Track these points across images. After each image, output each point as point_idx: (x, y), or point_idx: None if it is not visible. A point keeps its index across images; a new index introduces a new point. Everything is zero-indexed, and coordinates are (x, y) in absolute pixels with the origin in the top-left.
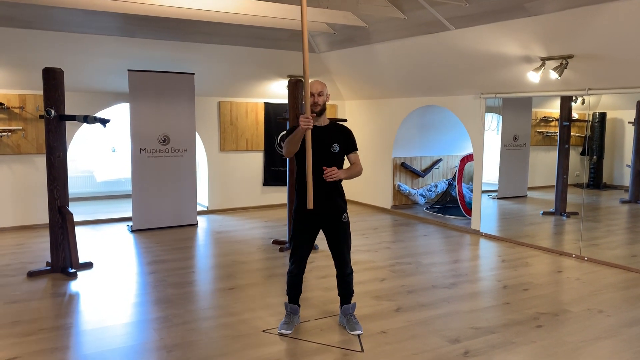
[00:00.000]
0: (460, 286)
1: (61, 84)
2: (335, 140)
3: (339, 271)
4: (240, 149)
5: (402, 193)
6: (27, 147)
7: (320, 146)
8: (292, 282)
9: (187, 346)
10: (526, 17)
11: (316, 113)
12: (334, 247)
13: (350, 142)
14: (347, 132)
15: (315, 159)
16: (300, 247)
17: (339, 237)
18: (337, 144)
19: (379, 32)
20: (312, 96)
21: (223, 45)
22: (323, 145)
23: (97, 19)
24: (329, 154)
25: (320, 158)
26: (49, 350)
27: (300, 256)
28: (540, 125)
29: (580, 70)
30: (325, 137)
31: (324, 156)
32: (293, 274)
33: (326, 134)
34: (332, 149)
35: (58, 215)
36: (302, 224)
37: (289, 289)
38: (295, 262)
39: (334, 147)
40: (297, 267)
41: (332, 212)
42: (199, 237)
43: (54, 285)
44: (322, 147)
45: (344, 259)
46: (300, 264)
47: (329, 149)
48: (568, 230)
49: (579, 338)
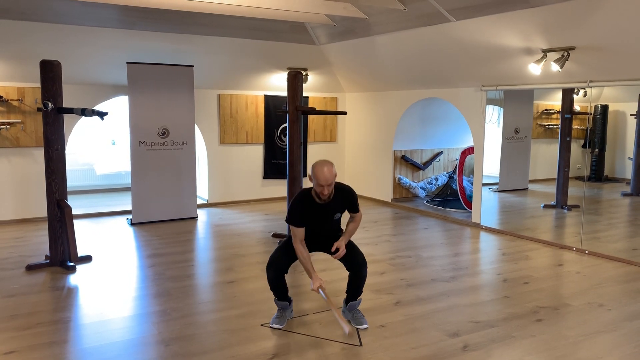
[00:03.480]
0: (460, 280)
1: (59, 76)
2: (337, 210)
3: (353, 273)
4: (240, 142)
5: (402, 186)
6: (26, 140)
7: (324, 216)
8: (273, 285)
9: (185, 340)
10: (527, 8)
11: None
12: (346, 259)
13: (352, 207)
14: (348, 198)
15: (320, 224)
16: (282, 258)
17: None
18: (339, 212)
19: (379, 24)
20: (322, 187)
21: (223, 38)
22: (326, 215)
23: (95, 11)
24: (331, 220)
25: (325, 223)
26: (47, 344)
27: (279, 265)
28: (542, 117)
29: (582, 62)
30: (329, 209)
31: (328, 222)
32: (272, 279)
33: (330, 206)
34: (334, 218)
35: (56, 208)
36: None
37: (273, 290)
38: (272, 267)
39: (336, 216)
40: (274, 272)
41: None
42: (199, 231)
43: (53, 279)
44: (325, 216)
45: (360, 260)
46: (278, 270)
47: (332, 218)
48: (569, 224)
49: (579, 332)
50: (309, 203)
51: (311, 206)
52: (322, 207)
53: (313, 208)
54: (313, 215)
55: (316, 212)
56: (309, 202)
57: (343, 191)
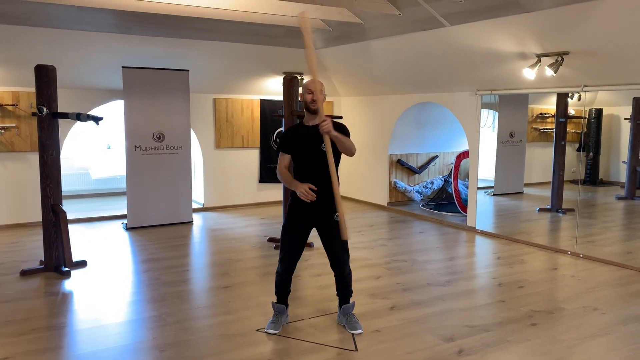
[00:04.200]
0: (455, 284)
1: (54, 81)
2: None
3: (337, 272)
4: (236, 146)
5: (398, 190)
6: (20, 145)
7: (313, 145)
8: (280, 283)
9: (180, 345)
10: (521, 13)
11: (313, 111)
12: (330, 248)
13: (343, 131)
14: (340, 127)
15: (309, 157)
16: (290, 247)
17: (333, 237)
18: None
19: (375, 29)
20: (310, 93)
21: (218, 42)
22: (316, 143)
23: (90, 16)
24: (321, 152)
25: (314, 156)
26: (41, 350)
27: (289, 256)
28: (537, 121)
29: (576, 67)
30: (318, 135)
31: (317, 155)
32: (281, 275)
33: (318, 132)
34: (322, 148)
35: (51, 213)
36: (295, 220)
37: (277, 289)
38: (284, 262)
39: (324, 146)
40: (285, 267)
41: (325, 208)
42: (194, 235)
43: (47, 284)
44: (315, 145)
45: (342, 260)
46: (289, 264)
47: (320, 148)
48: (564, 227)
49: (573, 336)
50: (299, 128)
51: (301, 132)
52: (311, 133)
53: (302, 134)
54: (302, 141)
55: (305, 138)
56: (299, 127)
57: (335, 123)
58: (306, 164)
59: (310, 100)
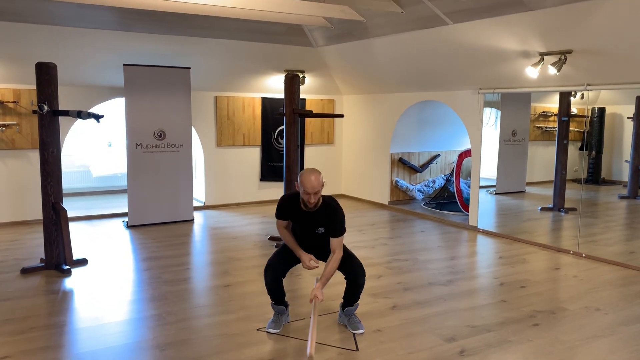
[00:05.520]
0: (456, 283)
1: (54, 78)
2: (320, 224)
3: (350, 281)
4: (237, 144)
5: (399, 189)
6: (21, 142)
7: (308, 227)
8: (271, 288)
9: (181, 345)
10: (525, 11)
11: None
12: (341, 265)
13: (334, 227)
14: (334, 217)
15: (305, 236)
16: (280, 262)
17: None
18: (323, 227)
19: (377, 27)
20: (308, 195)
21: (220, 40)
22: (310, 227)
23: (91, 13)
24: (314, 235)
25: (308, 236)
26: (40, 349)
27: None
28: (539, 120)
29: (579, 66)
30: (312, 222)
31: (311, 235)
32: (269, 282)
33: (314, 217)
34: (317, 232)
35: (52, 211)
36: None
37: (270, 295)
38: (269, 271)
39: (319, 230)
40: (272, 276)
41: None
42: (195, 233)
43: (48, 282)
44: (309, 229)
45: (358, 269)
46: (275, 274)
47: (314, 232)
48: (566, 227)
49: (575, 337)
50: (296, 206)
51: (297, 210)
52: (307, 216)
53: (298, 213)
54: (297, 219)
55: (300, 218)
56: (296, 205)
57: (329, 206)
58: (302, 236)
59: (307, 200)
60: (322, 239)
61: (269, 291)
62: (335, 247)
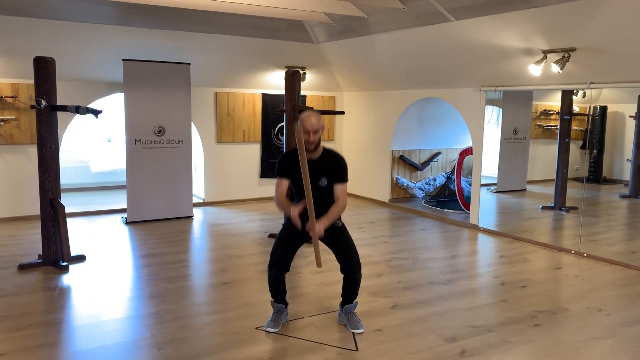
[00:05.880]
0: (457, 282)
1: (53, 73)
2: (323, 174)
3: (348, 275)
4: (237, 141)
5: (400, 186)
6: (20, 137)
7: (310, 179)
8: (273, 286)
9: (178, 343)
10: (528, 8)
11: (310, 150)
12: (341, 256)
13: (340, 174)
14: (338, 164)
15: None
16: (283, 254)
17: (341, 243)
18: (325, 178)
19: (378, 23)
20: (307, 133)
21: (220, 35)
22: (313, 179)
23: (91, 7)
24: (317, 188)
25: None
26: (37, 347)
27: (281, 261)
28: (541, 118)
29: (583, 64)
30: (314, 172)
31: (313, 189)
32: (273, 278)
33: (315, 168)
34: (319, 184)
35: (50, 207)
36: (292, 234)
37: (272, 292)
38: (273, 266)
39: (322, 182)
40: (277, 271)
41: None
42: (194, 230)
43: (45, 279)
44: (311, 180)
45: (355, 263)
46: (280, 268)
47: (317, 184)
48: (567, 226)
49: (577, 338)
50: (296, 160)
51: (298, 164)
52: (309, 168)
53: (299, 165)
54: (298, 173)
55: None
56: (296, 159)
57: (331, 154)
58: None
59: (306, 140)
60: (323, 194)
61: (272, 288)
62: (339, 194)
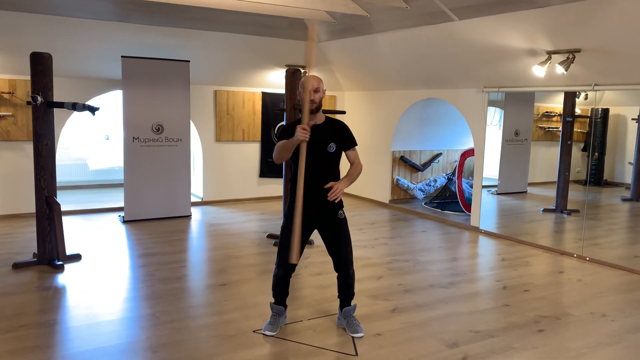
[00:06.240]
0: (458, 286)
1: (49, 69)
2: (331, 139)
3: (341, 273)
4: (237, 140)
5: (400, 187)
6: (16, 134)
7: (315, 146)
8: (278, 285)
9: (174, 346)
10: (533, 8)
11: (312, 111)
12: (333, 248)
13: (348, 139)
14: (344, 129)
15: (311, 159)
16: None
17: (338, 236)
18: (334, 143)
19: (381, 22)
20: (309, 93)
21: (220, 33)
22: (318, 145)
23: (89, 3)
24: (325, 154)
25: (316, 158)
26: (29, 349)
27: (287, 260)
28: (542, 120)
29: (588, 65)
30: (321, 137)
31: (320, 156)
32: (278, 278)
33: (322, 132)
34: (328, 149)
35: (45, 205)
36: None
37: (275, 292)
38: (281, 266)
39: (330, 147)
40: (282, 272)
41: (327, 209)
42: (192, 230)
43: (40, 278)
44: (317, 147)
45: (347, 260)
46: (286, 269)
47: (325, 149)
48: (569, 229)
49: (581, 344)
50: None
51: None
52: (314, 133)
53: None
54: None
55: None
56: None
57: (333, 120)
58: (308, 164)
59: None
60: (331, 161)
61: (275, 287)
62: (354, 158)
